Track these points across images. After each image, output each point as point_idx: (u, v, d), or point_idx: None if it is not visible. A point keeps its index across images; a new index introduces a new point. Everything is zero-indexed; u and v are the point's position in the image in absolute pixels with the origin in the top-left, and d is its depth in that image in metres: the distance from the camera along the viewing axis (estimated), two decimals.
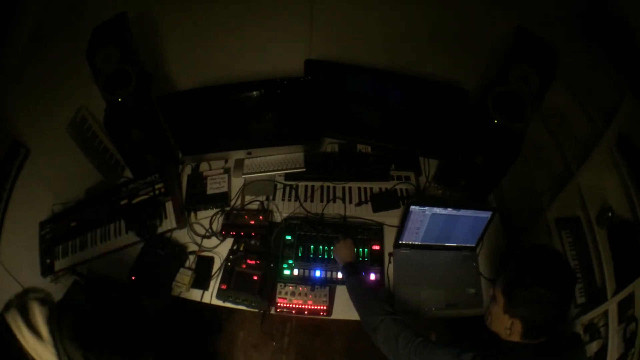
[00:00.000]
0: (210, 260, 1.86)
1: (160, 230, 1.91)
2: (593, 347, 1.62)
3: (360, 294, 1.54)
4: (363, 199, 2.00)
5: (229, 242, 1.89)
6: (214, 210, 1.98)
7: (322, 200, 2.01)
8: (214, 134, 1.98)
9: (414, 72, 1.85)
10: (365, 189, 2.05)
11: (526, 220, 2.17)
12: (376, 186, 2.06)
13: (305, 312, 1.73)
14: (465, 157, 1.83)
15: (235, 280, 1.77)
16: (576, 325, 1.69)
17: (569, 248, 1.90)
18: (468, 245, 1.87)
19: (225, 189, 2.02)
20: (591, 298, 1.74)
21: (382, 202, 1.99)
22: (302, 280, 1.77)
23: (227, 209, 1.98)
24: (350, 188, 2.06)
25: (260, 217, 1.91)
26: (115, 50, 1.69)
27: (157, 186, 1.97)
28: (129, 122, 1.79)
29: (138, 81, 1.71)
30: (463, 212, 1.73)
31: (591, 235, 1.79)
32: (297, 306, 1.72)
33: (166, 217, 1.94)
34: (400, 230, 1.81)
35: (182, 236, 1.94)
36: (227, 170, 2.11)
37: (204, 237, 1.92)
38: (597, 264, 1.76)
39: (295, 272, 1.79)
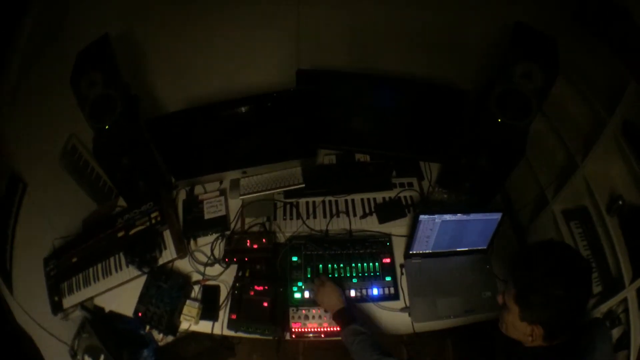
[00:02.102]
0: (216, 289, 1.76)
1: (160, 261, 1.81)
2: (615, 334, 1.59)
3: (359, 350, 1.39)
4: (367, 211, 1.93)
5: (233, 269, 1.80)
6: (214, 236, 1.89)
7: (325, 216, 1.92)
8: (206, 155, 1.89)
9: (409, 76, 1.80)
10: (368, 200, 1.98)
11: (531, 215, 2.13)
12: (379, 196, 1.99)
13: (322, 335, 1.64)
14: (469, 159, 1.77)
15: (245, 309, 1.67)
16: (595, 314, 1.63)
17: (580, 239, 1.85)
18: (479, 248, 1.80)
19: (223, 212, 1.93)
20: (607, 286, 1.70)
21: (387, 212, 1.91)
22: (315, 302, 1.67)
23: (228, 233, 1.89)
24: (353, 200, 1.98)
25: (263, 239, 1.81)
26: (98, 74, 1.58)
27: (152, 215, 1.87)
28: (118, 150, 1.70)
29: (124, 106, 1.60)
30: (473, 216, 1.67)
31: (602, 225, 1.77)
32: (312, 330, 1.63)
33: (165, 248, 1.83)
34: (410, 240, 1.74)
35: (184, 265, 1.84)
36: (223, 192, 2.02)
37: (206, 265, 1.81)
38: (610, 252, 1.73)
39: (307, 294, 1.70)
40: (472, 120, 1.70)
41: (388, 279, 1.74)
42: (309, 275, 1.74)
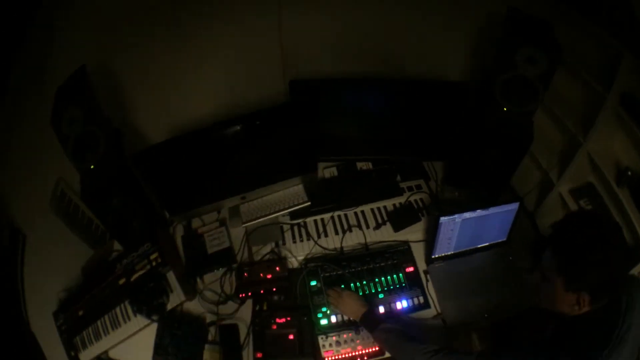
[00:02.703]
0: (234, 327, 1.60)
1: (169, 306, 1.63)
2: None
3: (396, 344, 1.36)
4: (380, 221, 1.83)
5: (248, 304, 1.65)
6: (221, 271, 1.73)
7: (337, 233, 1.81)
8: (200, 185, 1.72)
9: (403, 75, 1.73)
10: (379, 209, 1.88)
11: (537, 200, 2.08)
12: (389, 204, 1.90)
13: None
14: (476, 152, 1.72)
15: (270, 345, 1.53)
16: None
17: None
18: (499, 241, 1.74)
19: (227, 244, 1.77)
20: None
21: (401, 219, 1.82)
22: (343, 326, 1.56)
23: (235, 266, 1.74)
24: (363, 212, 1.88)
25: (277, 267, 1.68)
26: (78, 111, 1.44)
27: (152, 257, 1.68)
28: (106, 190, 1.54)
29: (107, 142, 1.46)
30: (492, 210, 1.60)
31: (613, 198, 1.74)
32: (347, 356, 1.50)
33: (172, 291, 1.65)
34: (432, 244, 1.66)
35: (194, 307, 1.67)
36: (223, 222, 1.87)
37: (219, 303, 1.65)
38: (624, 223, 1.70)
39: (333, 319, 1.57)
40: (475, 113, 1.64)
41: (415, 288, 1.65)
42: None
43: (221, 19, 1.70)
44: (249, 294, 1.64)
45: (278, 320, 1.59)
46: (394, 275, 1.66)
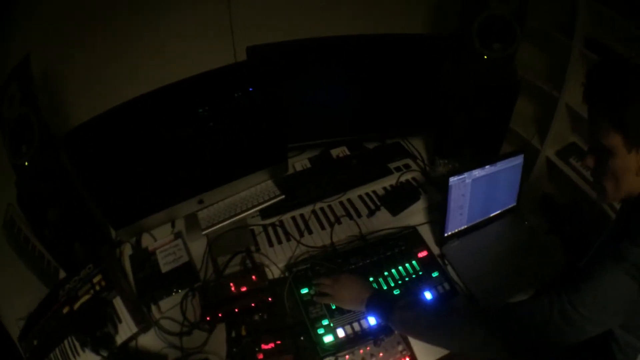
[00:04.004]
0: None
1: (119, 339, 1.10)
2: None
3: (429, 320, 0.97)
4: (373, 207, 1.41)
5: (221, 330, 1.10)
6: (181, 293, 1.19)
7: (323, 228, 1.35)
8: (147, 184, 1.23)
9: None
10: (368, 194, 1.47)
11: (523, 171, 1.90)
12: (379, 186, 1.50)
13: None
14: (463, 114, 1.49)
15: None
16: None
17: (584, 170, 1.65)
18: (510, 206, 1.40)
19: (185, 258, 1.25)
20: None
21: (397, 201, 1.42)
22: (356, 339, 1.05)
23: (199, 284, 1.21)
24: (350, 200, 1.45)
25: (252, 277, 1.17)
26: (15, 85, 1.11)
27: (95, 280, 1.18)
28: (42, 197, 1.16)
29: (42, 132, 1.09)
30: (500, 165, 1.27)
31: None
32: None
33: (120, 321, 1.11)
34: (443, 220, 1.26)
35: (152, 341, 1.11)
36: (179, 235, 1.35)
37: (182, 334, 1.10)
38: None
39: (340, 332, 1.06)
40: (455, 70, 1.42)
41: (435, 274, 1.20)
42: (333, 306, 1.11)
43: None
44: (219, 315, 1.09)
45: (264, 347, 1.04)
46: (406, 265, 1.21)
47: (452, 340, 0.93)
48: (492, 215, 1.37)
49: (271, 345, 1.05)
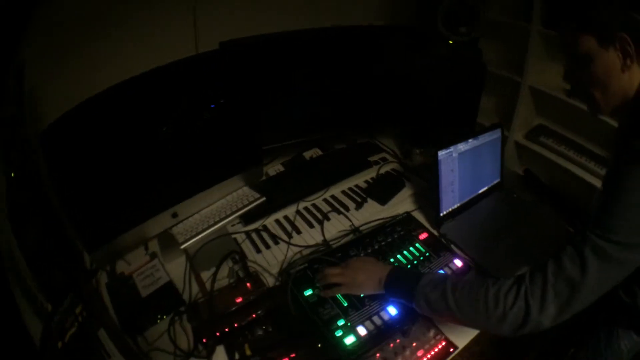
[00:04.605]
0: None
1: None
2: None
3: (461, 296, 0.78)
4: (360, 199, 1.29)
5: (220, 354, 0.87)
6: (166, 320, 0.94)
7: (311, 226, 1.19)
8: (116, 196, 1.00)
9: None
10: (351, 189, 1.35)
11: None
12: (360, 180, 1.39)
13: None
14: (434, 101, 1.47)
15: None
16: None
17: (557, 145, 1.66)
18: (495, 182, 1.36)
19: (165, 279, 1.02)
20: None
21: (383, 190, 1.31)
22: (381, 333, 0.88)
23: (184, 307, 0.96)
24: (334, 197, 1.32)
25: (247, 285, 0.97)
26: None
27: (77, 310, 0.90)
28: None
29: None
30: (481, 139, 1.25)
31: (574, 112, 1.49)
32: None
33: (110, 356, 0.84)
34: (437, 198, 1.17)
35: None
36: (155, 255, 1.11)
37: None
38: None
39: (361, 330, 0.88)
40: (422, 59, 1.42)
41: (442, 253, 1.08)
42: (344, 304, 0.93)
43: None
44: (217, 334, 0.86)
45: None
46: (410, 248, 1.08)
47: (475, 315, 0.76)
48: (480, 192, 1.31)
49: None
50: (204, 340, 0.84)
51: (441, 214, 1.19)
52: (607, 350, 0.98)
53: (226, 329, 0.86)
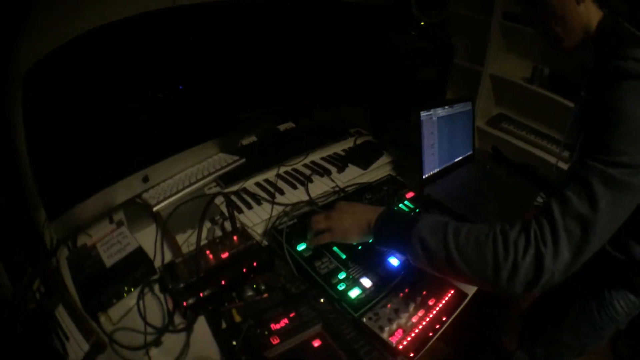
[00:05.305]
0: None
1: None
2: None
3: (470, 238, 0.64)
4: (340, 165, 1.19)
5: (201, 327, 0.70)
6: (136, 291, 0.75)
7: (295, 187, 1.07)
8: (82, 152, 0.83)
9: None
10: (330, 156, 1.26)
11: None
12: (338, 149, 1.30)
13: (444, 319, 0.73)
14: (406, 79, 1.45)
15: None
16: None
17: (517, 129, 1.69)
18: (468, 154, 1.34)
19: (135, 244, 0.81)
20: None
21: (364, 156, 1.23)
22: (387, 285, 0.77)
23: (156, 277, 0.78)
24: (314, 162, 1.21)
25: (234, 238, 0.82)
26: None
27: (34, 286, 0.72)
28: None
29: None
30: (456, 108, 1.23)
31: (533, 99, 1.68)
32: (423, 322, 0.71)
33: (68, 338, 0.64)
34: (420, 158, 1.11)
35: None
36: (121, 223, 0.90)
37: (147, 347, 0.65)
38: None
39: (366, 282, 0.77)
40: (396, 35, 1.41)
41: (433, 209, 1.02)
42: (343, 256, 0.82)
43: None
44: (200, 295, 0.69)
45: (276, 326, 0.68)
46: (400, 205, 1.01)
47: (480, 261, 0.62)
48: (457, 160, 1.28)
49: (284, 321, 0.69)
50: (184, 304, 0.66)
51: (424, 176, 1.15)
52: (602, 316, 0.89)
53: (210, 290, 0.70)
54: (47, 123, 0.77)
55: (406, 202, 1.03)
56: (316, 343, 0.67)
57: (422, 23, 1.35)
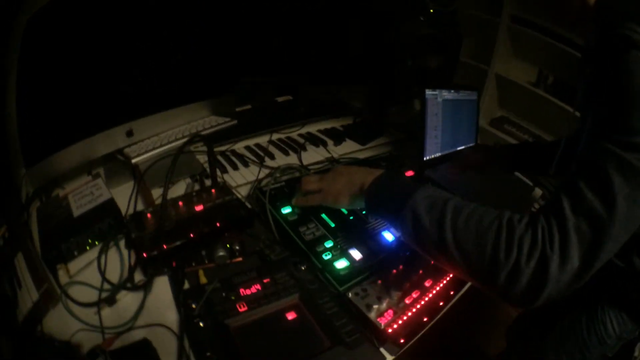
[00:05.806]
0: (145, 345, 0.50)
1: (19, 313, 0.53)
2: None
3: (471, 219, 0.51)
4: (338, 138, 1.08)
5: (163, 284, 0.59)
6: (100, 244, 0.64)
7: (287, 154, 0.96)
8: (69, 101, 0.73)
9: None
10: (327, 130, 1.15)
11: None
12: (337, 124, 1.20)
13: (441, 303, 0.63)
14: (412, 65, 1.37)
15: (248, 349, 0.50)
16: None
17: (520, 132, 1.65)
18: (471, 145, 1.23)
19: (107, 196, 0.71)
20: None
21: (363, 133, 1.13)
22: (379, 260, 0.66)
23: (126, 231, 0.66)
24: (309, 133, 1.10)
25: (212, 191, 0.71)
26: None
27: (1, 231, 0.62)
28: None
29: None
30: (462, 95, 1.13)
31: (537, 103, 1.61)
32: (417, 304, 0.60)
33: (20, 286, 0.54)
34: (422, 137, 1.01)
35: (65, 323, 0.52)
36: (97, 175, 0.80)
37: (99, 303, 0.55)
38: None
39: (355, 254, 0.66)
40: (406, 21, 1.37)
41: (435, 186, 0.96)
42: (332, 224, 0.71)
43: None
44: (164, 247, 0.57)
45: (245, 292, 0.57)
46: None
47: (496, 266, 0.48)
48: (459, 149, 1.21)
49: (256, 287, 0.58)
50: (144, 255, 0.55)
51: (425, 159, 1.05)
52: (591, 336, 0.78)
53: (177, 242, 0.59)
54: (36, 69, 0.67)
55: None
56: (290, 315, 0.56)
57: (432, 10, 1.28)
